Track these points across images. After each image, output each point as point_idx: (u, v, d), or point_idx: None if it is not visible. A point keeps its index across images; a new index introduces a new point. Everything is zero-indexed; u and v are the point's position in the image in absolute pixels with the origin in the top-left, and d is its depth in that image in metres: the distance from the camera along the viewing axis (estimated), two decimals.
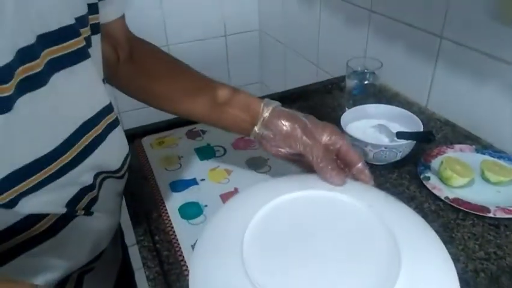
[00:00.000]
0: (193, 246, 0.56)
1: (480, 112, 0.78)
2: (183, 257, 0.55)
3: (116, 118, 0.50)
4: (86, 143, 0.45)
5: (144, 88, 0.56)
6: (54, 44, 0.40)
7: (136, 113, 1.14)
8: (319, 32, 1.24)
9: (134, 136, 0.81)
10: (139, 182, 0.71)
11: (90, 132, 0.45)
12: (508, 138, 0.74)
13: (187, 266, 0.54)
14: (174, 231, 0.59)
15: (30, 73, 0.37)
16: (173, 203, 0.65)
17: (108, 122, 0.48)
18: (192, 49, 1.50)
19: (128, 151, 0.54)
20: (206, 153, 0.76)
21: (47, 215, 0.44)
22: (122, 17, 0.58)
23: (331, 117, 0.86)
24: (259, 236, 0.45)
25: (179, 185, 0.69)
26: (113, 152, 0.50)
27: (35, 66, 0.37)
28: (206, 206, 0.64)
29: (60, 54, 0.40)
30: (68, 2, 0.41)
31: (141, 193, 0.68)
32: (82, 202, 0.48)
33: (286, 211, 0.49)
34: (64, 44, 0.41)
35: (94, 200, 0.50)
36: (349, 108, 0.80)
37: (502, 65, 0.72)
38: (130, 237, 0.60)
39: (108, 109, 0.48)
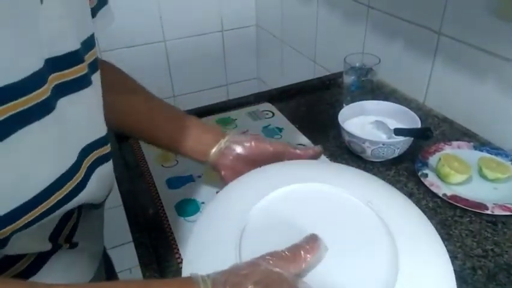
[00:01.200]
0: None
1: (478, 109, 0.78)
2: (180, 254, 0.55)
3: (109, 152, 0.47)
4: (82, 175, 0.42)
5: (108, 104, 0.54)
6: (60, 69, 0.38)
7: None
8: (317, 27, 1.24)
9: None
10: (135, 178, 0.70)
11: (84, 163, 0.42)
12: (505, 135, 0.73)
13: None
14: (171, 229, 0.59)
15: (39, 100, 0.34)
16: (170, 200, 0.64)
17: (98, 155, 0.45)
18: (189, 45, 1.49)
19: (112, 187, 0.51)
20: None
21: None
22: None
23: (329, 113, 0.86)
24: (254, 230, 0.44)
25: (175, 182, 0.68)
26: (100, 187, 0.47)
27: (44, 92, 0.35)
28: (203, 203, 0.63)
29: (65, 79, 0.39)
30: (79, 26, 0.40)
31: (137, 190, 0.68)
32: (63, 232, 0.45)
33: (284, 204, 0.48)
34: (70, 70, 0.39)
35: (74, 228, 0.47)
36: (347, 104, 0.80)
37: (500, 62, 0.71)
38: (126, 235, 0.60)
39: (103, 140, 0.45)
